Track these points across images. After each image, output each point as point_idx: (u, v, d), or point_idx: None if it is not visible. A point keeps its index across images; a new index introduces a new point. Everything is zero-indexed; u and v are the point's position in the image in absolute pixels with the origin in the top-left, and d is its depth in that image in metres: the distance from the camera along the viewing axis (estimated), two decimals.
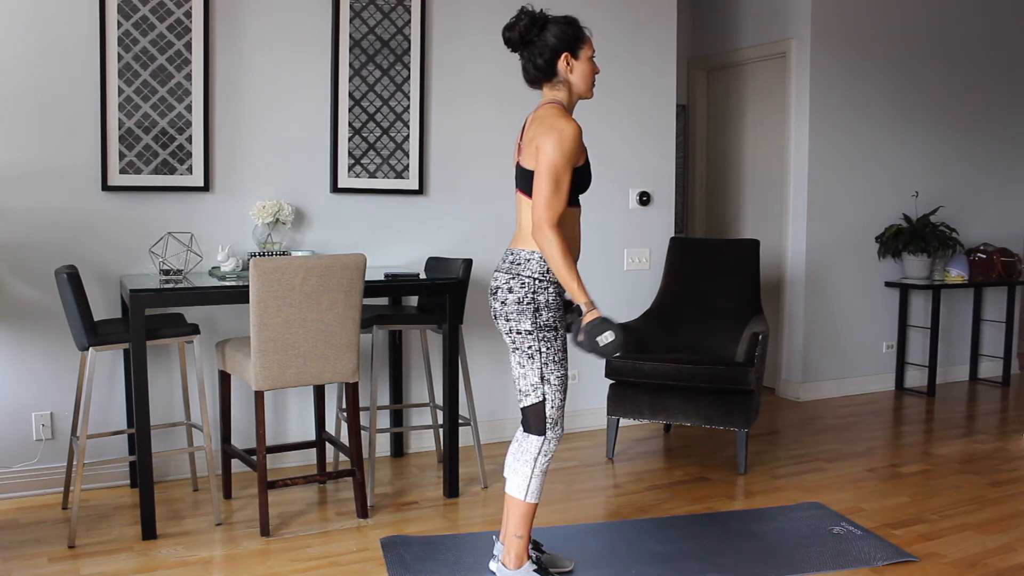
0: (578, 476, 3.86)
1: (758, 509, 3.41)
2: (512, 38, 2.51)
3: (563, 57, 2.49)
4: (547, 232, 2.39)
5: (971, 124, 5.93)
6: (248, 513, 3.33)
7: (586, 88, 2.55)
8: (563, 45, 2.48)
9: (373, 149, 4.00)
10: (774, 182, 5.59)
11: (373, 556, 2.93)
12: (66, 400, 3.54)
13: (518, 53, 2.54)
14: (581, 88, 2.54)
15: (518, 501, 2.56)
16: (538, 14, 2.50)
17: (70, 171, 3.49)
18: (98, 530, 3.14)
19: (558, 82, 2.53)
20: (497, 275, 2.55)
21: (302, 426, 3.98)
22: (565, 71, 2.51)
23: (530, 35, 2.48)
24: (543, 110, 2.50)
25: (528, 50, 2.50)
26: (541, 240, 2.40)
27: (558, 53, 2.48)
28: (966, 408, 5.24)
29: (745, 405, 3.82)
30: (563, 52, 2.48)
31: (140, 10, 3.51)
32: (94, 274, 3.56)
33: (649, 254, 4.76)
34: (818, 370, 5.43)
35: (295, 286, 2.98)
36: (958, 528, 3.23)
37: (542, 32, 2.48)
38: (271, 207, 3.65)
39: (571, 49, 2.49)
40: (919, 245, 5.39)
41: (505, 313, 2.51)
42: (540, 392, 2.53)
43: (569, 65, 2.50)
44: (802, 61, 5.25)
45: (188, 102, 3.63)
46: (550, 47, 2.47)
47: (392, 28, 3.98)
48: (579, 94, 2.55)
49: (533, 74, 2.54)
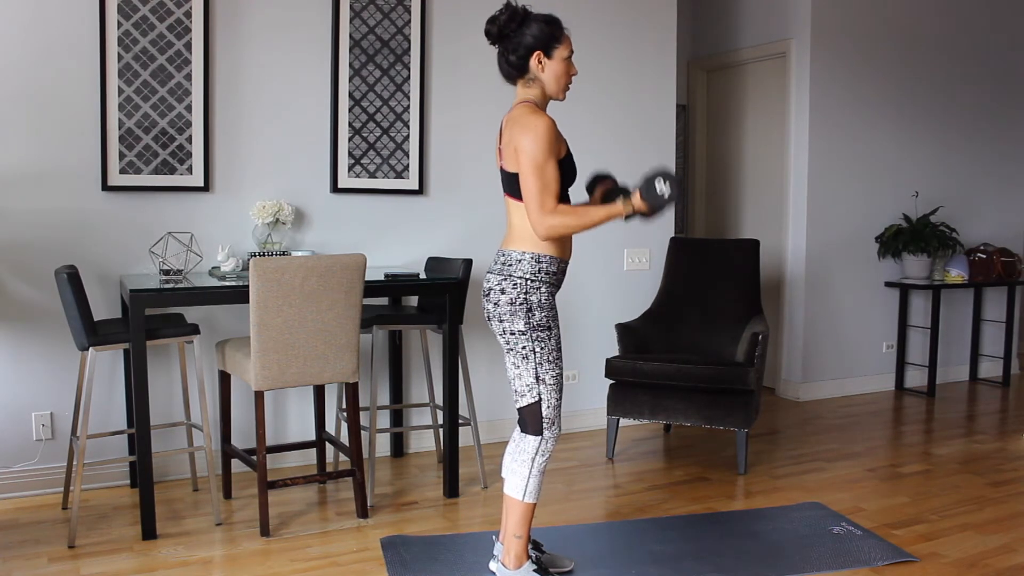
0: (578, 476, 3.86)
1: (758, 509, 3.41)
2: (491, 31, 2.49)
3: (535, 56, 2.47)
4: (550, 219, 2.39)
5: (971, 124, 5.93)
6: (248, 513, 3.33)
7: (557, 89, 2.52)
8: (537, 44, 2.46)
9: (373, 149, 4.00)
10: (774, 182, 5.59)
11: (373, 556, 2.93)
12: (66, 400, 3.54)
13: (495, 46, 2.53)
14: (552, 88, 2.51)
15: (517, 501, 2.56)
16: (519, 9, 2.48)
17: (70, 171, 3.49)
18: (98, 530, 3.14)
19: (530, 79, 2.51)
20: (489, 276, 2.55)
21: (302, 426, 3.98)
22: (537, 69, 2.48)
23: (508, 30, 2.46)
24: (516, 110, 2.49)
25: (503, 45, 2.49)
26: (549, 232, 2.41)
27: (531, 51, 2.46)
28: (966, 408, 5.24)
29: (745, 405, 3.82)
30: (536, 51, 2.46)
31: (140, 10, 3.51)
32: (94, 274, 3.56)
33: (649, 254, 4.76)
34: (818, 370, 5.43)
35: (295, 286, 2.98)
36: (958, 528, 3.23)
37: (520, 28, 2.46)
38: (271, 207, 3.65)
39: (544, 48, 2.47)
40: (919, 245, 5.39)
41: (498, 314, 2.51)
42: (536, 392, 2.53)
43: (541, 64, 2.48)
44: (802, 61, 5.25)
45: (188, 102, 3.63)
46: (524, 45, 2.46)
47: (392, 28, 3.98)
48: (549, 94, 2.53)
49: (506, 69, 2.52)
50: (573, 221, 2.41)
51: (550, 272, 2.51)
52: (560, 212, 2.41)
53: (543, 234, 2.43)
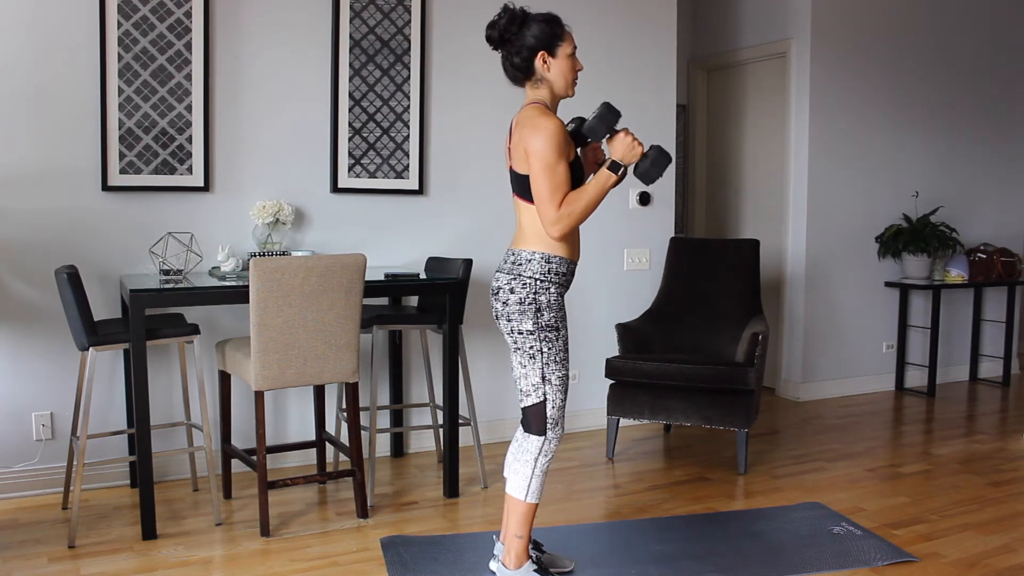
0: (578, 476, 3.86)
1: (758, 509, 3.41)
2: (492, 36, 2.49)
3: (540, 56, 2.47)
4: (562, 218, 2.40)
5: (971, 124, 5.93)
6: (248, 513, 3.33)
7: (564, 86, 2.52)
8: (540, 44, 2.46)
9: (373, 149, 4.00)
10: (774, 182, 5.59)
11: (373, 556, 2.93)
12: (66, 400, 3.54)
13: (499, 51, 2.52)
14: (560, 86, 2.51)
15: (518, 501, 2.56)
16: (518, 11, 2.47)
17: (70, 171, 3.49)
18: (98, 530, 3.14)
19: (537, 80, 2.51)
20: (499, 275, 2.55)
21: (302, 426, 3.98)
22: (543, 69, 2.48)
23: (509, 33, 2.46)
24: (525, 112, 2.49)
25: (506, 48, 2.49)
26: (562, 230, 2.42)
27: (534, 52, 2.46)
28: (966, 408, 5.24)
29: (745, 405, 3.82)
30: (540, 51, 2.46)
31: (140, 10, 3.51)
32: (94, 274, 3.56)
33: (649, 254, 4.76)
34: (818, 370, 5.43)
35: (295, 286, 2.98)
36: (958, 528, 3.23)
37: (521, 30, 2.46)
38: (271, 207, 3.65)
39: (548, 48, 2.46)
40: (919, 245, 5.39)
41: (507, 313, 2.51)
42: (541, 392, 2.53)
43: (546, 63, 2.48)
44: (802, 61, 5.25)
45: (188, 102, 3.63)
46: (527, 46, 2.45)
47: (392, 28, 3.98)
48: (558, 92, 2.53)
49: (512, 73, 2.52)
50: (577, 207, 2.42)
51: (559, 272, 2.51)
52: (570, 208, 2.41)
53: (556, 234, 2.43)
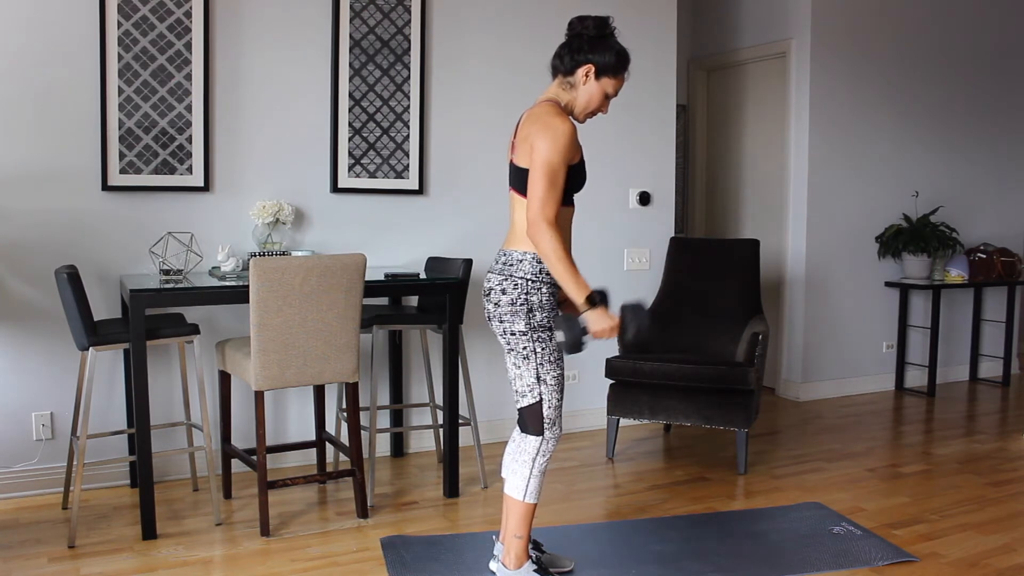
0: (578, 476, 3.86)
1: (758, 509, 3.41)
2: (573, 23, 2.52)
3: (587, 67, 2.48)
4: (543, 228, 2.36)
5: (971, 124, 5.93)
6: (248, 513, 3.33)
7: (583, 108, 2.53)
8: (597, 60, 2.48)
9: (373, 149, 4.00)
10: (774, 182, 5.59)
11: (373, 556, 2.93)
12: (66, 400, 3.54)
13: (566, 36, 2.54)
14: (580, 104, 2.53)
15: (517, 501, 2.56)
16: (610, 24, 2.51)
17: (70, 171, 3.49)
18: (98, 530, 3.14)
19: (568, 84, 2.52)
20: (490, 276, 2.55)
21: (302, 426, 3.98)
22: (581, 79, 2.50)
23: (590, 31, 2.49)
24: (539, 107, 2.49)
25: (574, 42, 2.51)
26: (537, 236, 2.38)
27: (589, 62, 2.48)
28: (966, 408, 5.24)
29: (745, 405, 3.82)
30: (593, 65, 2.48)
31: (140, 10, 3.51)
32: (94, 274, 3.56)
33: (649, 254, 4.76)
34: (818, 370, 5.43)
35: (295, 286, 2.98)
36: (958, 528, 3.23)
37: (598, 37, 2.49)
38: (271, 207, 3.65)
39: (600, 69, 2.48)
40: (919, 245, 5.39)
41: (499, 314, 2.51)
42: (536, 392, 2.53)
43: (587, 78, 2.49)
44: (802, 61, 5.25)
45: (188, 102, 3.63)
46: (588, 52, 2.47)
47: (392, 28, 3.98)
48: (575, 109, 2.54)
49: (556, 62, 2.54)
50: (553, 253, 2.36)
51: (551, 273, 2.50)
52: (554, 232, 2.36)
53: (530, 232, 2.40)
